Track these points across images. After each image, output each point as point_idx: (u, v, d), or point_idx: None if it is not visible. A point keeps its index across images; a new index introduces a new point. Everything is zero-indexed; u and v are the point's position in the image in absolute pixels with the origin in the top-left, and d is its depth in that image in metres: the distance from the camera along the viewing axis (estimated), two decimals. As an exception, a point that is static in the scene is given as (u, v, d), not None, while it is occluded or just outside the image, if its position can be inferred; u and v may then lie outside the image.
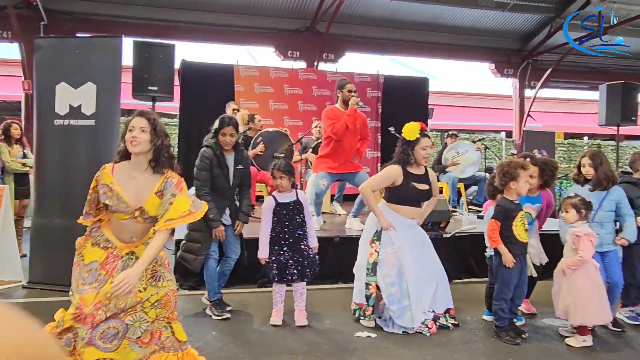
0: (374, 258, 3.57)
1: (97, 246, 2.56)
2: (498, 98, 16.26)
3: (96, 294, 2.46)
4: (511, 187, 3.38)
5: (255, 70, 8.98)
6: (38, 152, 4.64)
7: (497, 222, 3.36)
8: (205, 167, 3.60)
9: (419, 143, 3.57)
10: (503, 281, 3.36)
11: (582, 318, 3.24)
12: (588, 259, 3.26)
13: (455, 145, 7.64)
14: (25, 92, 9.01)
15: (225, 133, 3.62)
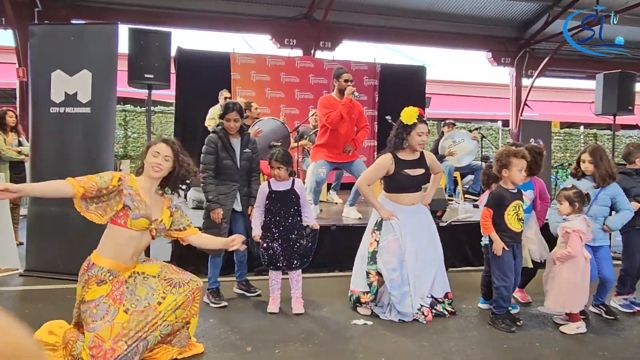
0: (373, 247, 3.59)
1: (103, 283, 2.58)
2: (495, 87, 16.24)
3: (111, 327, 2.49)
4: (504, 176, 3.40)
5: (252, 58, 8.93)
6: (34, 140, 4.61)
7: (489, 209, 3.38)
8: (210, 150, 3.71)
9: (415, 128, 3.55)
10: (500, 268, 3.38)
11: (553, 304, 3.33)
12: (576, 255, 3.30)
13: (452, 134, 7.65)
14: (19, 79, 8.94)
15: (229, 118, 3.71)
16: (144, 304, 2.60)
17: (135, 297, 2.61)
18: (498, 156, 3.43)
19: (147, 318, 2.57)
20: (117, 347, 2.45)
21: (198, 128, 8.19)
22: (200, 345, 2.91)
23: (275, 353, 2.90)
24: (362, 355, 2.90)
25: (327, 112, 5.18)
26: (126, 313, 2.55)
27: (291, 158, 3.72)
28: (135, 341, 2.52)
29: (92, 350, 2.41)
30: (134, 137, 10.53)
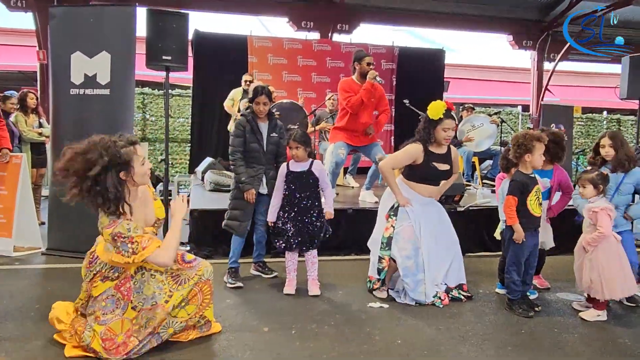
0: (389, 232, 3.57)
1: (108, 279, 2.58)
2: (515, 71, 15.92)
3: (122, 322, 2.50)
4: (526, 160, 3.32)
5: (269, 41, 8.87)
6: (54, 122, 4.67)
7: (514, 198, 3.30)
8: (239, 133, 3.79)
9: (441, 123, 3.50)
10: (514, 254, 3.35)
11: (608, 293, 3.21)
12: (608, 234, 3.22)
13: (471, 119, 7.53)
14: (40, 62, 9.02)
15: (259, 102, 3.77)
16: (151, 303, 2.57)
17: (142, 295, 2.58)
18: (521, 140, 3.32)
19: (156, 316, 2.56)
20: (130, 342, 2.48)
21: (215, 111, 8.21)
22: (218, 325, 2.95)
23: (291, 334, 2.92)
24: (378, 337, 2.90)
25: (348, 96, 5.11)
26: (134, 310, 2.55)
27: (309, 138, 3.72)
28: (146, 336, 2.55)
29: (105, 342, 2.44)
30: (152, 120, 10.58)
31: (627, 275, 3.25)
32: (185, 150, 10.28)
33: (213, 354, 2.61)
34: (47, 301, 3.25)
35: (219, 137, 8.40)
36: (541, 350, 2.79)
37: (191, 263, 2.78)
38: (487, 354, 2.71)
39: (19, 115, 5.91)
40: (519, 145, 3.33)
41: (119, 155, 2.41)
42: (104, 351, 2.44)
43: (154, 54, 4.57)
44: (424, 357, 2.65)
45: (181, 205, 2.69)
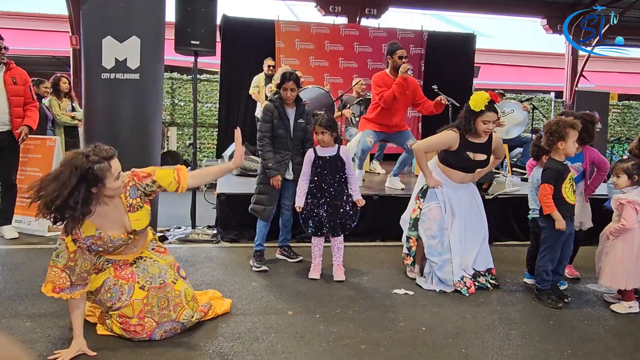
0: (416, 214, 3.59)
1: (102, 271, 2.56)
2: (548, 56, 15.45)
3: (132, 305, 2.51)
4: (559, 148, 3.24)
5: (296, 26, 8.84)
6: (86, 106, 4.75)
7: (550, 186, 3.22)
8: (267, 119, 3.82)
9: (482, 115, 3.43)
10: (551, 245, 3.27)
11: (609, 281, 3.18)
12: (630, 227, 3.13)
13: (501, 105, 7.34)
14: (72, 47, 9.22)
15: (286, 87, 3.78)
16: (159, 281, 2.59)
17: (148, 274, 2.59)
18: (554, 127, 3.24)
19: (168, 295, 2.57)
20: (145, 322, 2.51)
21: (242, 96, 8.27)
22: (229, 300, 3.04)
23: (315, 318, 2.94)
24: (403, 324, 2.90)
25: (381, 90, 5.09)
26: (143, 290, 2.54)
27: (335, 123, 3.69)
28: (163, 318, 2.54)
29: (122, 325, 2.52)
30: (180, 105, 10.72)
31: (636, 268, 3.16)
32: (213, 135, 10.39)
33: (238, 336, 2.65)
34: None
35: (246, 122, 8.45)
36: (569, 342, 2.73)
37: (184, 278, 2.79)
38: (513, 344, 2.68)
39: (53, 99, 6.07)
40: (551, 132, 3.24)
41: (90, 171, 2.26)
42: (125, 332, 2.52)
43: (183, 39, 4.61)
44: (449, 344, 2.64)
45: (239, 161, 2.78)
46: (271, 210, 3.86)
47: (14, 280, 3.45)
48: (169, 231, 4.88)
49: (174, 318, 2.59)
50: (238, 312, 2.98)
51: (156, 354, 2.43)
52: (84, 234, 2.38)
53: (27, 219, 4.79)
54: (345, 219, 3.65)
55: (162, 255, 2.82)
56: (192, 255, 4.18)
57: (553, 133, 3.24)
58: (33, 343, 2.49)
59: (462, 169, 3.56)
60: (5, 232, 4.56)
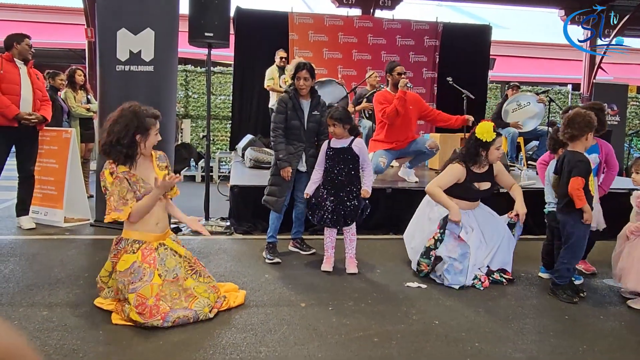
0: (430, 243, 3.46)
1: (132, 252, 2.73)
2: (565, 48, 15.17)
3: (151, 287, 2.61)
4: (587, 139, 3.18)
5: (310, 18, 8.80)
6: (101, 98, 4.80)
7: (583, 179, 3.12)
8: (281, 110, 3.81)
9: (494, 143, 3.43)
10: (577, 240, 3.19)
11: (634, 284, 3.10)
12: None
13: (517, 97, 7.26)
14: (88, 39, 9.29)
15: (300, 77, 3.78)
16: (173, 275, 2.76)
17: (165, 267, 2.76)
18: (588, 118, 3.15)
19: (179, 288, 2.73)
20: (160, 305, 2.58)
21: (256, 88, 8.26)
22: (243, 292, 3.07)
23: (328, 310, 2.94)
24: (415, 317, 2.89)
25: (382, 107, 5.14)
26: (160, 277, 2.70)
27: (348, 115, 3.64)
28: (178, 308, 2.64)
29: (138, 308, 2.55)
30: (194, 98, 10.76)
31: None
32: (227, 127, 10.42)
33: (251, 327, 2.66)
34: (95, 270, 3.38)
35: (259, 114, 8.46)
36: (584, 338, 2.70)
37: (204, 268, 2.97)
38: (527, 339, 2.65)
39: (68, 92, 6.12)
40: (585, 122, 3.15)
41: (143, 120, 2.75)
42: (140, 317, 2.54)
43: (197, 31, 4.61)
44: (462, 338, 2.62)
45: (167, 183, 2.81)
46: (283, 202, 3.86)
47: (31, 270, 3.51)
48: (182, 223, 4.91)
49: (185, 306, 2.68)
50: (251, 303, 2.99)
51: (169, 344, 2.45)
52: (119, 169, 2.74)
53: (44, 209, 4.86)
54: (349, 211, 3.60)
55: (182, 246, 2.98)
56: (205, 247, 4.21)
57: (587, 123, 3.15)
58: (49, 332, 2.53)
59: (468, 199, 3.57)
60: (22, 222, 4.63)
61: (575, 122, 3.18)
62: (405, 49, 9.01)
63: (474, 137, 3.48)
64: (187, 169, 8.79)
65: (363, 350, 2.46)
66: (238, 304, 2.94)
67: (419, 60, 9.11)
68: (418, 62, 9.11)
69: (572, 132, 3.19)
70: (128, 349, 2.40)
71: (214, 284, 2.90)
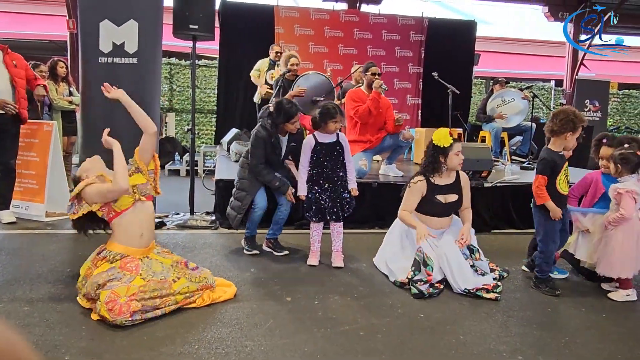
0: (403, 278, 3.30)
1: (110, 262, 2.70)
2: (549, 44, 15.36)
3: (128, 287, 2.57)
4: (566, 138, 3.20)
5: (296, 12, 8.76)
6: (84, 90, 4.71)
7: (544, 177, 3.21)
8: (260, 146, 3.71)
9: (452, 149, 3.37)
10: (548, 235, 3.27)
11: (608, 269, 3.17)
12: (629, 217, 3.12)
13: (501, 93, 7.33)
14: (70, 30, 9.13)
15: (294, 121, 3.69)
16: (160, 277, 2.71)
17: (151, 270, 2.73)
18: (572, 116, 3.16)
19: (162, 290, 2.67)
20: (132, 304, 2.52)
21: (241, 82, 8.20)
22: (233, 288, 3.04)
23: (314, 304, 2.94)
24: (401, 310, 2.90)
25: (356, 105, 5.12)
26: (143, 280, 2.65)
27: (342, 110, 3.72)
28: (150, 307, 2.60)
29: (109, 304, 2.49)
30: (178, 91, 10.64)
31: (635, 257, 3.15)
32: (212, 121, 10.33)
33: (237, 322, 2.65)
34: (77, 265, 3.33)
35: (245, 108, 8.41)
36: (567, 330, 2.74)
37: (194, 270, 2.91)
38: (511, 332, 2.68)
39: (50, 84, 6.00)
40: (568, 120, 3.16)
41: None
42: (109, 313, 2.48)
43: (181, 23, 4.55)
44: (447, 331, 2.64)
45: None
46: (241, 218, 3.78)
47: (11, 265, 3.45)
48: (167, 217, 4.87)
49: (157, 305, 2.64)
50: (236, 298, 2.98)
51: (154, 339, 2.42)
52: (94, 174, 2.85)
53: (25, 204, 4.78)
54: (345, 203, 3.65)
55: (168, 255, 2.96)
56: (190, 241, 4.18)
57: (569, 122, 3.16)
58: (31, 327, 2.48)
59: (435, 214, 3.45)
60: (3, 216, 4.54)
61: (558, 118, 3.21)
62: (391, 44, 9.02)
63: (431, 144, 3.44)
64: (172, 163, 8.71)
65: (349, 344, 2.46)
66: (226, 298, 2.93)
67: (405, 55, 9.13)
68: (404, 57, 9.13)
69: (552, 126, 3.23)
70: (111, 344, 2.36)
71: (204, 283, 2.86)
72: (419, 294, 3.10)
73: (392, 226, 3.72)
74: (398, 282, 3.31)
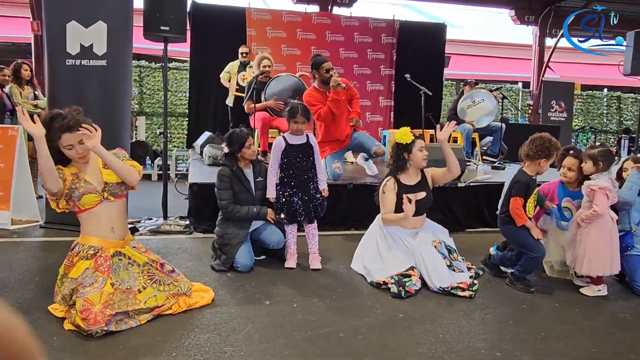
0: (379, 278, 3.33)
1: (85, 259, 2.66)
2: (516, 47, 15.75)
3: (100, 294, 2.52)
4: (539, 164, 3.32)
5: (268, 14, 8.72)
6: (51, 93, 4.57)
7: (521, 199, 3.28)
8: (226, 186, 3.55)
9: (415, 145, 3.44)
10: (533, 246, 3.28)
11: (587, 268, 3.23)
12: (602, 213, 3.20)
13: (472, 94, 7.45)
14: (34, 32, 8.85)
15: (249, 144, 3.55)
16: (126, 286, 2.66)
17: (119, 277, 2.67)
18: (547, 144, 3.28)
19: (128, 300, 2.62)
20: (106, 312, 2.48)
21: (213, 84, 8.11)
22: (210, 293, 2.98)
23: (293, 307, 2.91)
24: (380, 311, 2.90)
25: (315, 109, 4.77)
26: (112, 287, 2.61)
27: (309, 112, 3.69)
28: (121, 315, 2.56)
29: (83, 313, 2.43)
30: (148, 94, 10.46)
31: (614, 254, 3.25)
32: (183, 124, 10.20)
33: (215, 327, 2.61)
34: (47, 273, 3.24)
35: (217, 111, 8.32)
36: (542, 325, 2.80)
37: (170, 273, 2.85)
38: (489, 328, 2.72)
39: (14, 87, 5.82)
40: (544, 147, 3.28)
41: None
42: (84, 322, 2.41)
43: (152, 25, 4.47)
44: (426, 330, 2.66)
45: (32, 126, 2.68)
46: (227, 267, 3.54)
47: (-24, 275, 3.30)
48: (139, 222, 4.76)
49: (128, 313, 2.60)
50: (214, 303, 2.92)
51: (129, 348, 2.36)
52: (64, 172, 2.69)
53: (-11, 211, 4.59)
54: (318, 205, 3.65)
55: (144, 253, 2.88)
56: (164, 246, 4.09)
57: (545, 149, 3.28)
58: None
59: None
60: (-35, 225, 4.36)
61: (535, 143, 3.32)
62: (363, 46, 9.07)
63: (395, 144, 3.51)
64: (143, 168, 8.54)
65: (330, 346, 2.45)
66: (203, 304, 2.87)
67: (377, 57, 9.19)
68: (376, 60, 9.19)
69: (528, 151, 3.35)
70: (84, 355, 2.29)
71: (175, 292, 2.79)
72: (397, 294, 3.12)
73: (369, 230, 3.72)
74: (375, 282, 3.32)
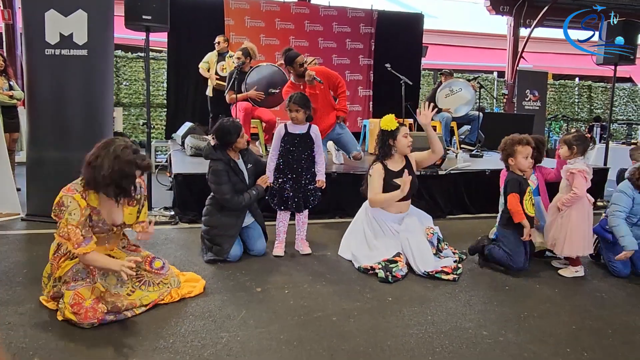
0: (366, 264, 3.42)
1: (71, 258, 2.58)
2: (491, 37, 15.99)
3: (92, 288, 2.49)
4: (510, 164, 3.45)
5: (246, 3, 8.65)
6: (29, 84, 4.48)
7: (516, 194, 3.37)
8: (225, 180, 3.47)
9: (399, 131, 3.52)
10: (514, 252, 3.39)
11: (568, 250, 3.37)
12: (582, 195, 3.34)
13: (449, 83, 7.57)
14: (5, 21, 8.60)
15: (243, 134, 3.52)
16: (114, 291, 2.58)
17: (106, 281, 2.59)
18: (503, 146, 3.49)
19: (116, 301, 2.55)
20: (99, 307, 2.44)
21: (191, 74, 8.04)
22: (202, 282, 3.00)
23: (285, 293, 2.97)
24: (369, 295, 2.98)
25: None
26: (102, 286, 2.55)
27: (308, 101, 3.69)
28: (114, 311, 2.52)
29: (74, 307, 2.40)
30: (125, 85, 10.29)
31: (589, 235, 3.41)
32: (161, 115, 10.08)
33: (210, 314, 2.64)
34: (34, 265, 3.22)
35: (197, 101, 8.27)
36: (525, 305, 2.92)
37: (159, 271, 2.80)
38: (474, 309, 2.82)
39: (-13, 78, 5.67)
40: (504, 149, 3.48)
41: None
42: (75, 316, 2.40)
43: (134, 14, 4.42)
44: (415, 312, 2.75)
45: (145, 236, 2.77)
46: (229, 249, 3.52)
47: (-40, 269, 3.25)
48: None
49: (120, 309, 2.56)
50: (206, 291, 2.96)
51: (126, 336, 2.38)
52: (89, 201, 2.52)
53: (-32, 205, 4.50)
54: (308, 195, 3.69)
55: (133, 253, 2.85)
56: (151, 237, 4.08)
57: (504, 150, 3.47)
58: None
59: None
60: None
61: (500, 149, 3.53)
62: (341, 36, 9.10)
63: (380, 131, 3.60)
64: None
65: (323, 329, 2.51)
66: (196, 294, 2.90)
67: (356, 47, 9.24)
68: (354, 49, 9.24)
69: (501, 156, 3.54)
70: (82, 342, 2.30)
71: (164, 290, 2.77)
72: (384, 279, 3.20)
73: (356, 217, 3.79)
74: (362, 267, 3.40)
